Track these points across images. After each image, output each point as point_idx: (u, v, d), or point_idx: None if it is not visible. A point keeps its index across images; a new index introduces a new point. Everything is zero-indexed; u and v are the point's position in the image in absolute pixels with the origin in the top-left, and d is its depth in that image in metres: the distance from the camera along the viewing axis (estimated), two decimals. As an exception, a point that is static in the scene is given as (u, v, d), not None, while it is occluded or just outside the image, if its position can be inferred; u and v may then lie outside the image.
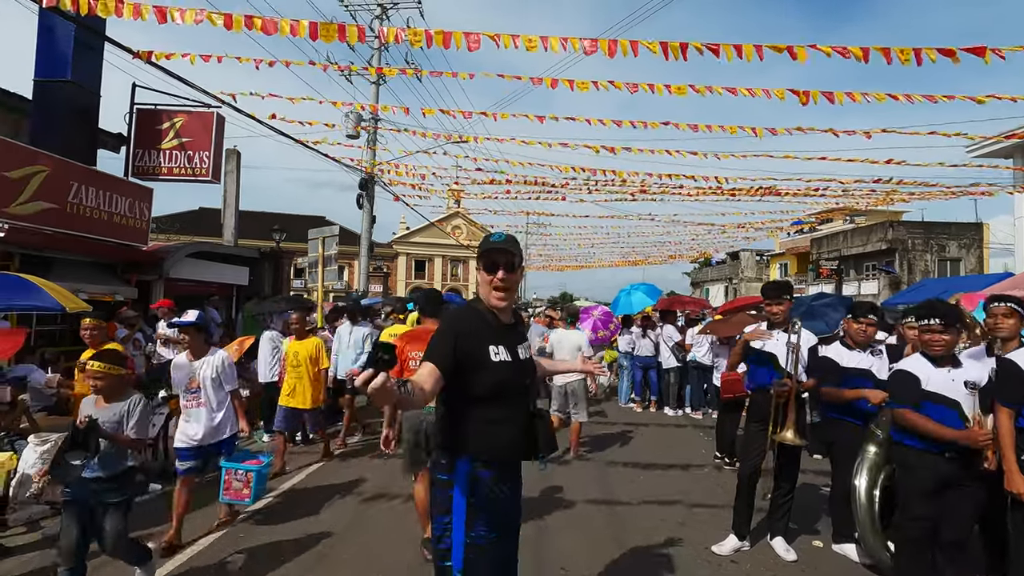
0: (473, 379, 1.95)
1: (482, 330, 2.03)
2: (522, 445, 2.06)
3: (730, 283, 42.26)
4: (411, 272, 47.63)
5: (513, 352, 2.07)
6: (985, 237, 26.27)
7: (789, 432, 3.70)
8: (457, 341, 1.95)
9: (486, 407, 1.98)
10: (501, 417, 2.00)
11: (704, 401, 9.29)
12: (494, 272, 2.04)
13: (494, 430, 1.99)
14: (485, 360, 1.97)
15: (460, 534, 1.92)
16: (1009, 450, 2.72)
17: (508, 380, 2.02)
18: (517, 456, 2.09)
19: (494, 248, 2.05)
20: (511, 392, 2.04)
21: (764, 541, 4.01)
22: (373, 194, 15.80)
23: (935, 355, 3.01)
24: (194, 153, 9.18)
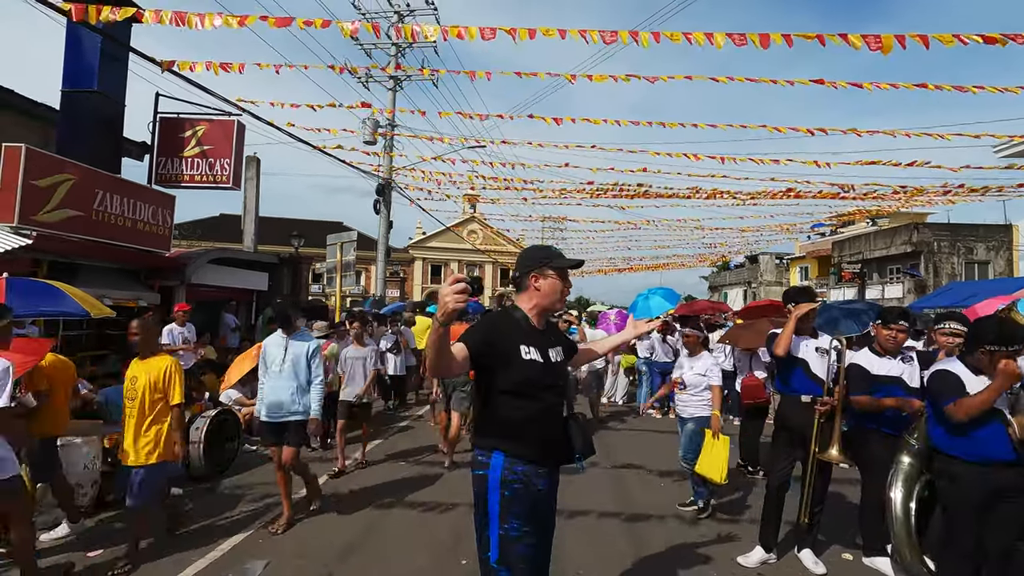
0: (504, 374, 2.12)
1: (515, 330, 2.22)
2: (556, 446, 2.20)
3: (749, 287, 41.69)
4: (427, 277, 47.84)
5: (544, 354, 2.21)
6: (1014, 239, 25.57)
7: (834, 450, 3.61)
8: (490, 334, 2.16)
9: (519, 404, 2.13)
10: (533, 415, 2.14)
11: (724, 407, 9.12)
12: (568, 279, 2.31)
13: (528, 427, 2.13)
14: (515, 356, 2.14)
15: (495, 527, 2.06)
16: None
17: (537, 378, 2.16)
18: (550, 456, 2.20)
19: (564, 259, 2.32)
20: (541, 391, 2.17)
21: (791, 554, 3.90)
22: (390, 199, 15.92)
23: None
24: (215, 160, 9.31)
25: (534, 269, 2.28)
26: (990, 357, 2.81)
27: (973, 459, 2.82)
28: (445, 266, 48.78)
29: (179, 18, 5.15)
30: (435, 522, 4.55)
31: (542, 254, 2.32)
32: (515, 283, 2.36)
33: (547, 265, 2.27)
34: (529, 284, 2.29)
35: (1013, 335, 2.77)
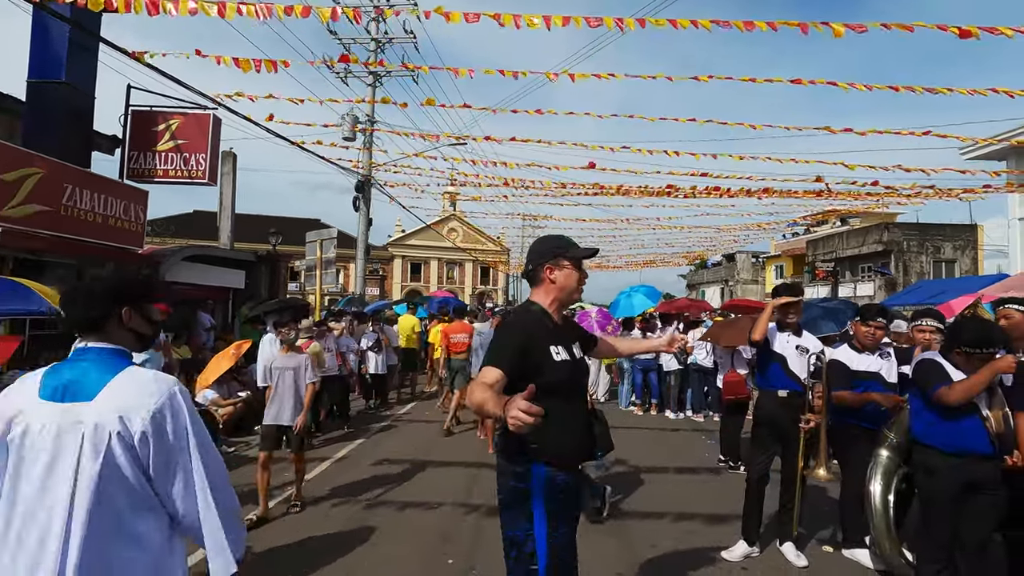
0: (540, 377, 1.94)
1: (541, 331, 2.10)
2: (587, 445, 2.14)
3: (726, 285, 42.34)
4: (407, 275, 47.51)
5: (570, 351, 2.14)
6: (979, 239, 26.42)
7: (821, 470, 3.67)
8: (520, 348, 2.01)
9: (554, 409, 1.93)
10: (567, 418, 2.04)
11: (705, 404, 9.25)
12: (582, 271, 2.21)
13: (564, 433, 2.02)
14: (547, 360, 2.03)
15: (543, 538, 1.97)
16: None
17: (569, 378, 2.09)
18: (584, 456, 2.16)
19: (581, 248, 2.22)
20: (572, 392, 2.11)
21: (774, 546, 3.96)
22: (370, 197, 15.73)
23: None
24: (190, 155, 9.06)
25: (548, 260, 2.17)
26: (966, 358, 2.87)
27: (951, 451, 2.88)
28: (425, 264, 48.49)
29: (152, 4, 4.98)
30: (421, 521, 4.51)
31: (555, 244, 2.21)
32: (528, 278, 2.26)
33: (562, 255, 2.17)
34: (544, 277, 2.18)
35: (990, 338, 2.83)
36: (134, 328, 1.61)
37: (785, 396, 3.79)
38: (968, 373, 2.85)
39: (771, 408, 3.85)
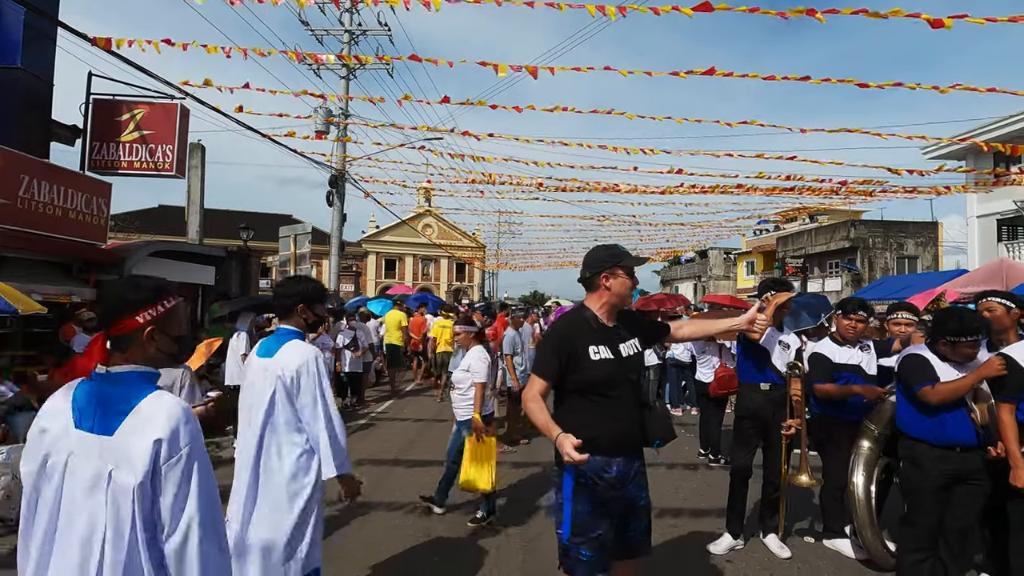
0: (575, 376, 2.27)
1: (583, 332, 2.33)
2: (629, 437, 2.32)
3: (699, 280, 43.05)
4: (381, 271, 46.96)
5: (615, 350, 2.32)
6: (940, 236, 27.40)
7: (804, 476, 3.70)
8: (557, 353, 2.29)
9: (590, 402, 2.27)
10: (605, 412, 2.27)
11: (683, 398, 9.34)
12: (634, 276, 2.41)
13: (599, 424, 2.23)
14: (584, 358, 2.26)
15: (567, 510, 2.25)
16: (1013, 444, 2.74)
17: (609, 376, 2.28)
18: (623, 446, 2.30)
19: (634, 257, 2.42)
20: (613, 387, 2.29)
21: (757, 539, 3.99)
22: (344, 192, 15.43)
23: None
24: (156, 146, 8.71)
25: (605, 268, 2.36)
26: (952, 347, 2.92)
27: (937, 443, 2.93)
28: (400, 260, 47.99)
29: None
30: (402, 521, 4.42)
31: (610, 253, 2.40)
32: (585, 284, 2.45)
33: (618, 264, 2.36)
34: (599, 284, 2.37)
35: (972, 327, 2.89)
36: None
37: (767, 389, 3.82)
38: (954, 361, 2.92)
39: (754, 401, 3.88)
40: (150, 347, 1.47)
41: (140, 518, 1.34)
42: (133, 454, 1.34)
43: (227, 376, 7.07)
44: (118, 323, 1.45)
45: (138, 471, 1.33)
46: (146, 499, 1.34)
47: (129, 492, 1.33)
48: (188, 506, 1.37)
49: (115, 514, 1.34)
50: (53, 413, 1.43)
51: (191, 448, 1.39)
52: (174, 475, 1.35)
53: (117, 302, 1.47)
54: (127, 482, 1.33)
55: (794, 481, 3.73)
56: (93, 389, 1.42)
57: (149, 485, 1.34)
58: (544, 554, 3.77)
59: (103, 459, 1.36)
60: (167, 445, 1.35)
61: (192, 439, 1.40)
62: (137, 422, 1.37)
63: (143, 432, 1.36)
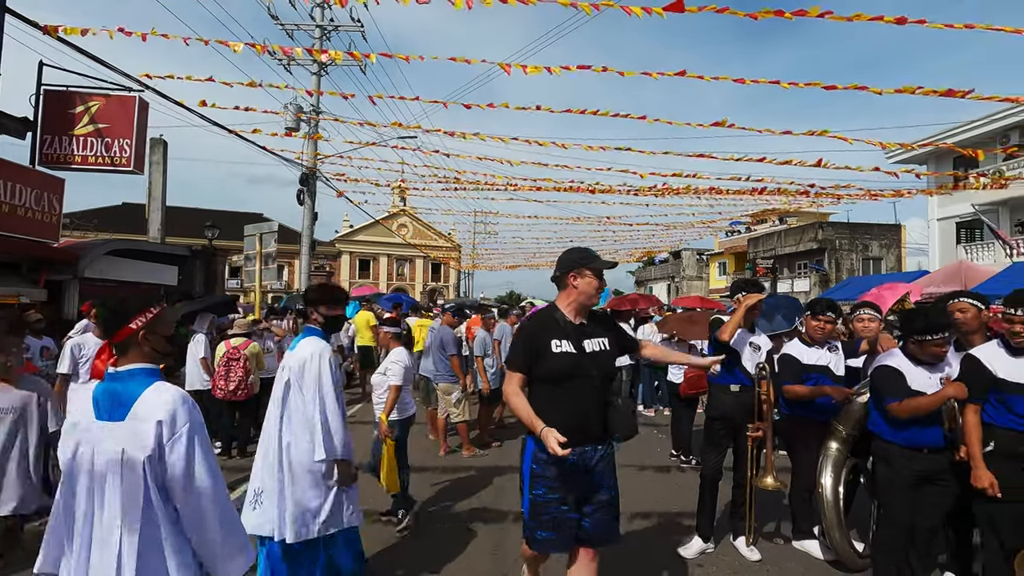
0: (538, 366, 2.44)
1: (550, 328, 2.50)
2: (586, 428, 2.42)
3: (672, 281, 43.58)
4: (355, 271, 46.31)
5: (578, 345, 2.47)
6: (903, 238, 28.25)
7: (769, 478, 3.67)
8: (526, 348, 2.47)
9: (549, 391, 2.44)
10: (562, 401, 2.40)
11: (656, 399, 9.36)
12: (602, 277, 2.54)
13: (556, 412, 2.34)
14: (546, 351, 2.43)
15: (526, 492, 2.48)
16: (976, 446, 2.75)
17: (568, 368, 2.42)
18: (582, 435, 2.37)
19: (602, 260, 2.57)
20: (571, 379, 2.42)
21: (728, 541, 3.97)
22: (315, 190, 15.10)
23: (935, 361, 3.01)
24: (113, 140, 8.33)
25: (573, 269, 2.52)
26: (920, 347, 2.95)
27: (909, 445, 2.94)
28: (374, 260, 47.41)
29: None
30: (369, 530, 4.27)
31: (580, 255, 2.56)
32: (556, 282, 2.61)
33: (585, 265, 2.51)
34: (568, 283, 2.54)
35: (938, 324, 2.92)
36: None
37: (738, 391, 3.80)
38: (926, 363, 2.96)
39: (724, 403, 3.86)
40: (145, 347, 1.80)
41: (153, 485, 1.67)
42: (140, 435, 1.66)
43: (187, 381, 6.78)
44: (117, 332, 1.78)
45: (146, 447, 1.65)
46: (156, 470, 1.67)
47: (140, 465, 1.65)
48: (194, 473, 1.68)
49: (131, 483, 1.66)
50: (80, 410, 1.78)
51: (189, 427, 1.70)
52: (177, 449, 1.67)
53: (114, 316, 1.79)
54: (137, 457, 1.66)
55: (759, 484, 3.71)
56: (106, 387, 1.76)
57: (157, 459, 1.66)
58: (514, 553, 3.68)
59: (118, 441, 1.67)
60: (167, 426, 1.67)
61: (189, 419, 1.71)
62: (141, 409, 1.69)
63: (147, 417, 1.67)
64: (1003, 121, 18.26)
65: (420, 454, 6.44)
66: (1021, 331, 2.76)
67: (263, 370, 6.56)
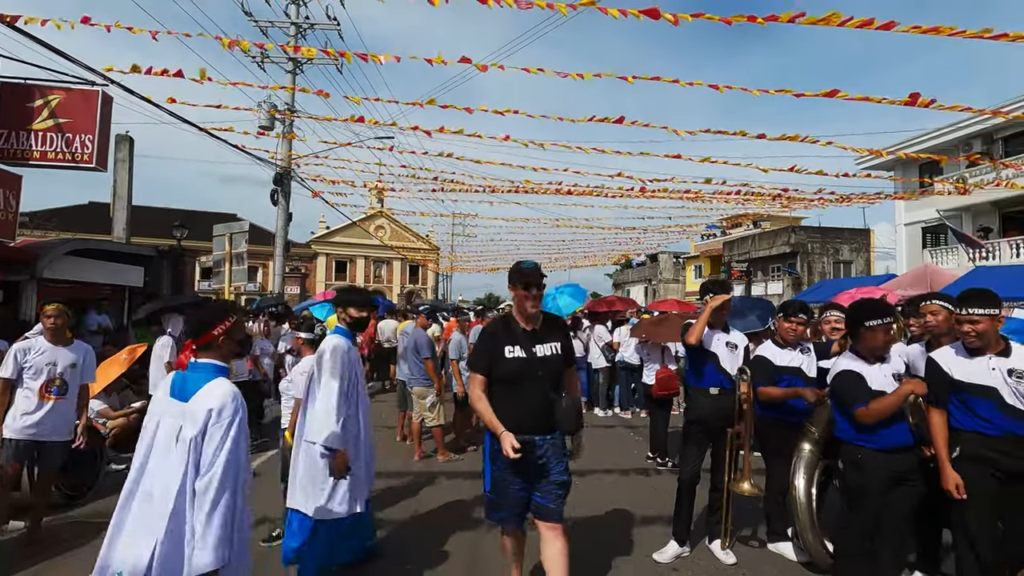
0: (496, 369, 2.82)
1: (505, 334, 2.87)
2: (534, 420, 2.76)
3: (649, 284, 43.99)
4: (331, 273, 45.65)
5: (529, 350, 2.82)
6: (872, 242, 28.98)
7: (746, 483, 3.66)
8: (485, 352, 2.87)
9: (504, 390, 2.81)
10: (514, 399, 2.78)
11: (632, 400, 9.37)
12: (530, 289, 2.82)
13: (509, 407, 2.77)
14: (500, 356, 2.81)
15: (487, 469, 2.89)
16: (943, 449, 2.76)
17: (519, 370, 2.79)
18: (533, 427, 2.76)
19: (528, 272, 2.85)
20: (522, 379, 2.79)
21: (703, 545, 3.95)
22: (289, 190, 14.81)
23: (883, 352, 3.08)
24: (74, 136, 8.01)
25: (509, 285, 2.91)
26: (872, 333, 3.00)
27: (878, 448, 2.95)
28: (351, 262, 46.81)
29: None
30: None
31: (511, 272, 2.91)
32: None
33: (511, 281, 2.89)
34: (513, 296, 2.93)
35: (885, 309, 3.03)
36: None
37: (717, 393, 3.77)
38: (876, 347, 3.02)
39: (702, 406, 3.83)
40: (223, 348, 2.24)
41: (192, 460, 2.00)
42: (196, 415, 2.03)
43: (151, 385, 6.54)
44: (203, 334, 2.20)
45: (197, 427, 2.01)
46: (197, 448, 2.00)
47: (188, 441, 2.01)
48: (218, 458, 1.98)
49: (180, 453, 2.02)
50: (162, 388, 2.22)
51: (231, 419, 2.03)
52: (215, 434, 2.00)
53: (200, 323, 2.23)
54: (189, 434, 2.01)
55: (736, 489, 3.69)
56: (184, 374, 2.18)
57: (201, 439, 2.00)
58: (489, 560, 3.60)
59: (179, 418, 2.07)
60: (216, 413, 2.02)
61: (234, 413, 2.05)
62: (201, 395, 2.06)
63: (204, 402, 2.04)
64: (967, 129, 18.85)
65: (394, 459, 6.31)
66: (970, 331, 2.79)
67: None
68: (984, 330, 2.76)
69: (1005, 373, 2.76)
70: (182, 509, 1.97)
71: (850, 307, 3.32)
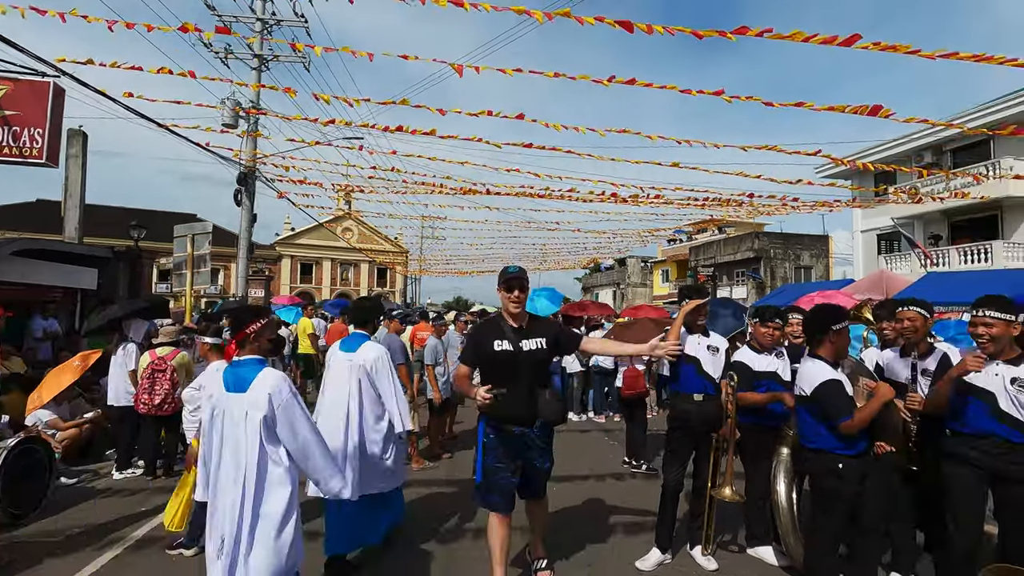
0: (484, 362, 3.16)
1: (494, 330, 3.22)
2: (521, 411, 3.07)
3: (618, 288, 44.47)
4: (297, 276, 44.65)
5: (516, 344, 3.14)
6: (831, 248, 29.99)
7: (727, 489, 3.65)
8: (474, 345, 3.26)
9: (494, 381, 3.04)
10: (504, 392, 2.99)
11: (606, 405, 9.39)
12: (512, 292, 3.17)
13: (498, 401, 2.98)
14: (489, 349, 3.15)
15: (479, 461, 3.20)
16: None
17: (504, 364, 3.10)
18: (516, 418, 3.10)
19: (512, 276, 3.19)
20: (510, 372, 3.07)
21: (684, 551, 3.93)
22: (254, 190, 14.35)
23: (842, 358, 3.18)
24: (21, 129, 7.54)
25: (497, 287, 3.24)
26: (837, 335, 3.08)
27: (854, 453, 2.99)
28: (317, 265, 45.87)
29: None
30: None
31: (499, 274, 3.24)
32: None
33: (498, 284, 3.23)
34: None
35: (844, 312, 3.15)
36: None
37: (701, 399, 3.74)
38: (840, 349, 3.11)
39: (686, 412, 3.79)
40: (256, 344, 2.58)
41: (265, 436, 2.41)
42: (259, 401, 2.40)
43: (111, 394, 6.18)
44: (239, 332, 2.56)
45: (262, 409, 2.39)
46: (267, 425, 2.41)
47: (258, 422, 2.39)
48: (297, 424, 2.45)
49: (253, 434, 2.39)
50: (213, 385, 2.63)
51: (290, 395, 2.45)
52: (285, 412, 2.42)
53: (237, 322, 2.59)
54: (256, 416, 2.40)
55: (717, 495, 3.69)
56: (232, 370, 2.53)
57: (270, 417, 2.40)
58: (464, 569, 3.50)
59: (243, 406, 2.42)
60: (275, 396, 2.41)
61: (290, 391, 2.46)
62: (258, 383, 2.43)
63: (262, 389, 2.42)
64: (919, 141, 19.71)
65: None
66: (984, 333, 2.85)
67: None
68: (998, 334, 2.81)
69: (1008, 381, 2.82)
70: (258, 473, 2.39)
71: (810, 314, 3.34)
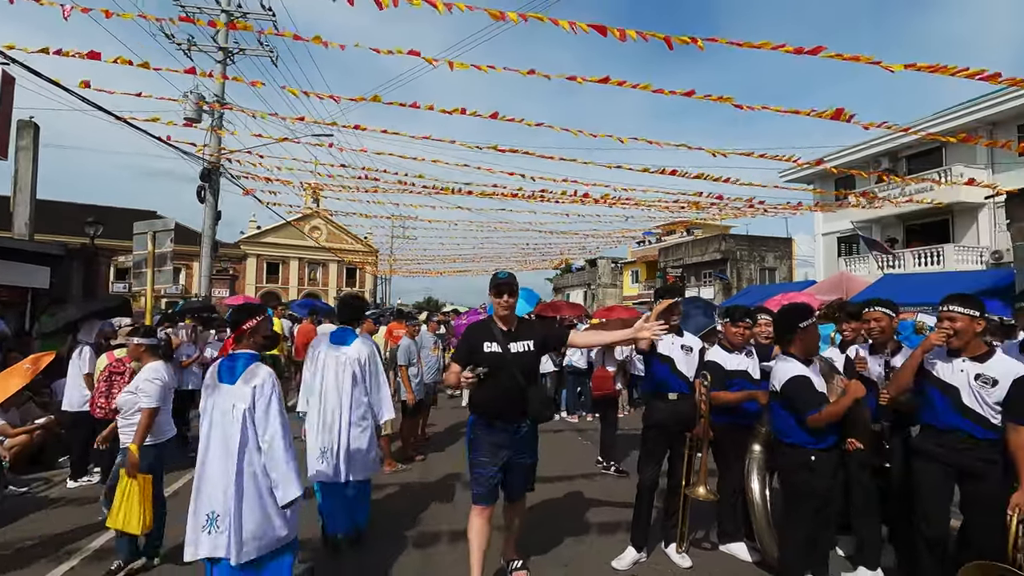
0: (474, 360, 3.23)
1: (484, 333, 3.35)
2: (509, 408, 3.24)
3: (589, 288, 44.83)
4: (263, 275, 43.56)
5: (504, 346, 3.27)
6: (793, 250, 30.87)
7: (701, 488, 3.68)
8: (466, 346, 3.35)
9: (484, 382, 3.14)
10: (492, 389, 3.18)
11: (579, 404, 9.43)
12: (501, 297, 3.30)
13: (486, 398, 3.26)
14: (479, 350, 3.27)
15: (468, 454, 3.39)
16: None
17: (495, 364, 3.20)
18: (508, 415, 3.26)
19: (502, 282, 3.32)
20: (499, 372, 3.19)
21: (659, 549, 3.96)
22: (218, 187, 13.93)
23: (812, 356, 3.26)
24: (-33, 120, 7.16)
25: (489, 291, 3.40)
26: (804, 333, 3.17)
27: (825, 447, 3.07)
28: (284, 264, 44.84)
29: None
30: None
31: (491, 280, 3.38)
32: None
33: (489, 288, 3.38)
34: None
35: (810, 311, 3.23)
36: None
37: (675, 399, 3.78)
38: (809, 345, 3.19)
39: (660, 411, 3.83)
40: (250, 340, 2.87)
41: (252, 425, 2.69)
42: (244, 393, 2.70)
43: (66, 400, 5.89)
44: (237, 329, 2.86)
45: (247, 402, 2.68)
46: (252, 415, 2.68)
47: (243, 413, 2.67)
48: (270, 421, 2.70)
49: (240, 423, 2.67)
50: (211, 376, 2.86)
51: (271, 391, 2.73)
52: (261, 404, 2.70)
53: (236, 319, 2.88)
54: (242, 408, 2.68)
55: (691, 494, 3.73)
56: (226, 362, 2.83)
57: (252, 408, 2.68)
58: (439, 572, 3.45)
59: (231, 397, 2.72)
60: (259, 389, 2.71)
61: (272, 387, 2.75)
62: (247, 376, 2.73)
63: (248, 382, 2.71)
64: (876, 148, 20.47)
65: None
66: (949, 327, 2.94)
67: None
68: (962, 328, 2.90)
69: (972, 376, 2.91)
70: (244, 459, 2.65)
71: (779, 313, 3.44)
